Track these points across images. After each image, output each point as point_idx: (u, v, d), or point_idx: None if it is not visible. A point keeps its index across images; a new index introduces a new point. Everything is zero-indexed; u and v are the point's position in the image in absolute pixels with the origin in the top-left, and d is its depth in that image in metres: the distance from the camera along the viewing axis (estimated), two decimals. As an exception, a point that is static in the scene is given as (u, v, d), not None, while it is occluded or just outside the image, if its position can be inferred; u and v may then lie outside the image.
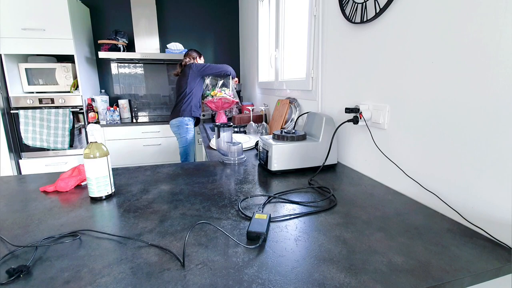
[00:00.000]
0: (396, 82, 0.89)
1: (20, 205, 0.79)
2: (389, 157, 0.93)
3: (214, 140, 1.48)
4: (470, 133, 0.67)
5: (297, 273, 0.51)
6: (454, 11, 0.69)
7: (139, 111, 3.23)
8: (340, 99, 1.22)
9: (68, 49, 2.44)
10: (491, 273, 0.53)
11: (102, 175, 0.82)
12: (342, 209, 0.77)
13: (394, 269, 0.52)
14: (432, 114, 0.77)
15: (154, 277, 0.49)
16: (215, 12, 3.23)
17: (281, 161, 1.05)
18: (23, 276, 0.49)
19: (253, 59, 2.69)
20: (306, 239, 0.62)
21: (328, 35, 1.28)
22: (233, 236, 0.63)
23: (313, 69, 1.43)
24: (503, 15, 0.59)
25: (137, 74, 3.15)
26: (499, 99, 0.60)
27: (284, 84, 1.87)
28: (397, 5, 0.87)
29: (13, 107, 2.42)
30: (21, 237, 0.62)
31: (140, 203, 0.80)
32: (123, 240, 0.61)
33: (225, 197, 0.85)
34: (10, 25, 2.29)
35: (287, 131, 1.12)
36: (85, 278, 0.49)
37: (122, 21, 2.99)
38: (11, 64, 2.42)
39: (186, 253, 0.56)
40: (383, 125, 0.95)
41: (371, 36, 0.99)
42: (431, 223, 0.69)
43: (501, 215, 0.62)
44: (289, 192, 0.89)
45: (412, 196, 0.85)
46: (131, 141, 2.75)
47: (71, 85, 2.59)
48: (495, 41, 0.60)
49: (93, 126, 0.81)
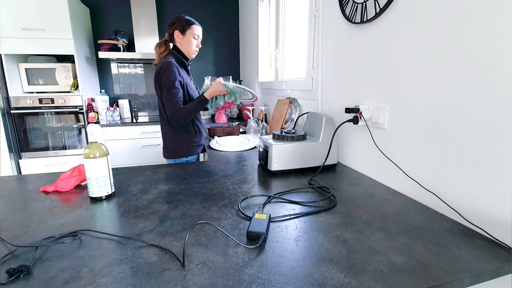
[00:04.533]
0: (396, 82, 0.89)
1: (20, 205, 0.79)
2: (389, 157, 0.93)
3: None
4: (470, 133, 0.67)
5: (297, 273, 0.51)
6: (454, 11, 0.69)
7: (139, 111, 3.23)
8: (340, 99, 1.21)
9: (68, 49, 2.43)
10: (491, 273, 0.53)
11: (102, 175, 0.82)
12: (342, 209, 0.77)
13: (394, 269, 0.52)
14: (432, 114, 0.77)
15: (154, 277, 0.49)
16: (215, 12, 3.23)
17: (281, 161, 1.05)
18: (23, 276, 0.49)
19: (253, 59, 2.69)
20: (306, 239, 0.62)
21: (328, 35, 1.28)
22: (233, 236, 0.63)
23: (313, 69, 1.43)
24: (504, 15, 0.59)
25: (137, 74, 3.15)
26: (500, 99, 0.60)
27: (284, 84, 1.87)
28: (397, 5, 0.87)
29: (13, 107, 2.41)
30: (21, 237, 0.62)
31: (140, 203, 0.80)
32: (123, 240, 0.61)
33: (225, 197, 0.84)
34: (10, 25, 2.29)
35: (287, 131, 1.12)
36: (85, 278, 0.49)
37: (122, 21, 2.99)
38: (11, 64, 2.41)
39: (186, 253, 0.56)
40: (383, 125, 0.95)
41: (371, 36, 0.99)
42: (431, 223, 0.69)
43: (501, 215, 0.62)
44: (289, 192, 0.89)
45: (412, 196, 0.85)
46: (131, 141, 2.75)
47: (71, 85, 2.59)
48: (495, 41, 0.60)
49: (93, 126, 0.81)
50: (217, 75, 3.29)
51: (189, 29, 1.42)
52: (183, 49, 1.45)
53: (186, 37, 1.43)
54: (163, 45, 1.46)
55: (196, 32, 1.45)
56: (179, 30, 1.41)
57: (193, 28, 1.43)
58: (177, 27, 1.41)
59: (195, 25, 1.44)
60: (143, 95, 3.22)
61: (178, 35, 1.42)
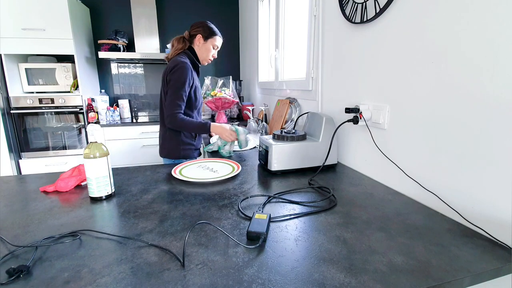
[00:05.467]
0: (396, 82, 0.89)
1: (20, 205, 0.79)
2: (389, 157, 0.93)
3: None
4: (470, 133, 0.67)
5: (297, 273, 0.51)
6: (454, 11, 0.69)
7: (139, 111, 3.23)
8: (340, 99, 1.21)
9: (68, 49, 2.43)
10: (491, 273, 0.52)
11: (102, 175, 0.82)
12: (342, 209, 0.77)
13: (394, 269, 0.52)
14: (432, 114, 0.77)
15: (154, 277, 0.49)
16: (215, 12, 3.23)
17: (281, 161, 1.05)
18: (23, 276, 0.49)
19: (253, 59, 2.69)
20: (306, 239, 0.62)
21: (328, 35, 1.28)
22: (233, 236, 0.63)
23: (313, 69, 1.43)
24: (504, 15, 0.59)
25: (137, 74, 3.15)
26: (500, 99, 0.60)
27: (284, 84, 1.87)
28: (397, 5, 0.87)
29: (13, 107, 2.41)
30: (21, 237, 0.62)
31: (140, 203, 0.80)
32: (123, 240, 0.61)
33: (225, 197, 0.84)
34: (10, 25, 2.29)
35: (287, 131, 1.12)
36: (85, 278, 0.49)
37: (122, 21, 2.99)
38: (11, 64, 2.41)
39: (186, 253, 0.56)
40: (383, 125, 0.95)
41: (371, 36, 0.99)
42: (431, 223, 0.69)
43: (501, 215, 0.62)
44: (289, 192, 0.89)
45: (412, 196, 0.85)
46: (131, 141, 2.75)
47: (71, 85, 2.59)
48: (496, 41, 0.60)
49: (93, 126, 0.81)
50: (217, 75, 3.30)
51: (212, 38, 1.43)
52: (200, 54, 1.45)
53: (207, 45, 1.43)
54: (181, 41, 1.44)
55: (217, 43, 1.46)
56: (202, 35, 1.41)
57: (216, 38, 1.44)
58: (201, 32, 1.41)
59: (218, 36, 1.46)
60: (143, 95, 3.22)
61: (199, 39, 1.41)
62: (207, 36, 1.41)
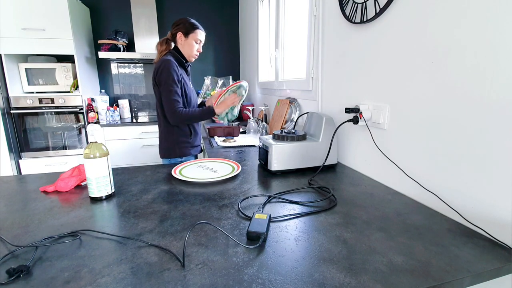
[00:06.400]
0: (396, 82, 0.89)
1: (20, 205, 0.79)
2: (389, 157, 0.93)
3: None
4: (470, 133, 0.67)
5: (297, 273, 0.51)
6: (454, 11, 0.69)
7: (139, 111, 3.23)
8: (340, 99, 1.21)
9: (68, 49, 2.44)
10: (491, 273, 0.52)
11: (102, 175, 0.82)
12: (342, 209, 0.77)
13: (394, 269, 0.52)
14: (432, 114, 0.77)
15: (154, 277, 0.49)
16: (215, 12, 3.23)
17: (281, 161, 1.05)
18: (23, 276, 0.49)
19: (253, 59, 2.69)
20: (306, 239, 0.62)
21: (328, 35, 1.28)
22: (233, 236, 0.63)
23: (313, 69, 1.43)
24: (504, 15, 0.59)
25: (137, 74, 3.15)
26: (499, 99, 0.60)
27: (284, 84, 1.87)
28: (397, 5, 0.87)
29: (13, 107, 2.41)
30: (21, 237, 0.62)
31: (140, 203, 0.80)
32: (123, 240, 0.61)
33: (225, 197, 0.84)
34: (10, 25, 2.29)
35: (287, 131, 1.12)
36: (85, 278, 0.49)
37: (122, 21, 2.99)
38: (11, 64, 2.42)
39: (186, 253, 0.56)
40: (383, 125, 0.95)
41: (371, 36, 0.99)
42: (431, 223, 0.69)
43: (501, 215, 0.62)
44: (289, 192, 0.89)
45: (412, 196, 0.85)
46: (131, 141, 2.75)
47: (71, 85, 2.59)
48: (496, 42, 0.60)
49: (93, 126, 0.81)
50: (217, 75, 3.30)
51: (193, 33, 1.42)
52: (184, 51, 1.45)
53: (188, 40, 1.42)
54: (164, 43, 1.45)
55: (199, 37, 1.44)
56: (183, 32, 1.41)
57: (196, 32, 1.43)
58: (181, 29, 1.41)
59: (199, 29, 1.44)
60: (143, 95, 3.22)
61: (180, 37, 1.41)
62: (187, 31, 1.41)
